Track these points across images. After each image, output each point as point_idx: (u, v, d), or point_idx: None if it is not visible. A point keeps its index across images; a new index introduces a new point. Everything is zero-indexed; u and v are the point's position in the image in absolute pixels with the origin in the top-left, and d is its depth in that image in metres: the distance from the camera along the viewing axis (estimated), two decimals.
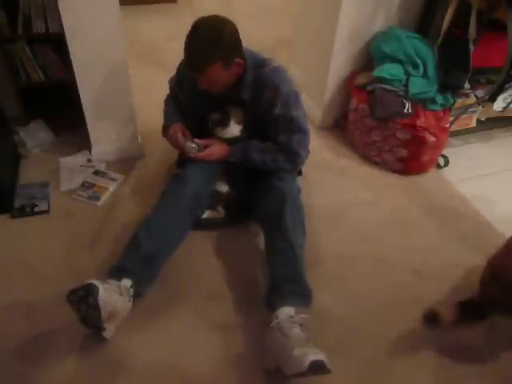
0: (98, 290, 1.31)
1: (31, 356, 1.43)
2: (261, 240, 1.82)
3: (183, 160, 1.87)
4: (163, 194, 1.72)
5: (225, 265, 1.78)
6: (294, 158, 1.75)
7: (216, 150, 1.76)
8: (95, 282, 1.34)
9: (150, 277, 1.58)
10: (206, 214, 1.86)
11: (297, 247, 1.57)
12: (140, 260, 1.53)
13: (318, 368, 1.22)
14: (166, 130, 1.84)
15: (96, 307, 1.31)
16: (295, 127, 1.70)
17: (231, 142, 1.78)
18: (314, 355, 1.23)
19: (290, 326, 1.37)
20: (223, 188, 1.85)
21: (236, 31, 1.55)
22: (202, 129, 1.81)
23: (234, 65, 1.57)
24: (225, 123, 1.76)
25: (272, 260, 1.58)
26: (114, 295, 1.38)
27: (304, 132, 1.73)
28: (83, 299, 1.31)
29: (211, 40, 1.49)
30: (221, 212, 1.87)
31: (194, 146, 1.73)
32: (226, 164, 1.81)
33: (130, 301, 1.46)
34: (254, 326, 1.55)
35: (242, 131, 1.79)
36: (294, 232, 1.59)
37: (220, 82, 1.60)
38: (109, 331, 1.42)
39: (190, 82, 1.71)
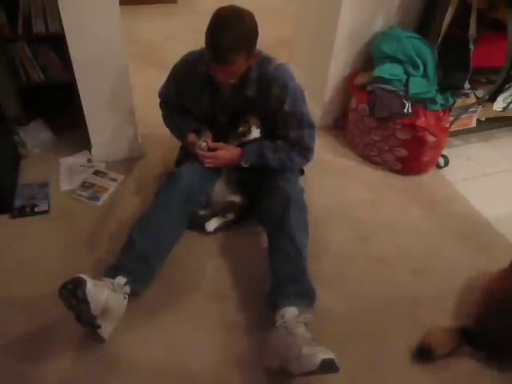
0: (85, 283, 1.32)
1: (29, 354, 1.44)
2: (262, 239, 1.83)
3: (182, 159, 1.88)
4: (157, 192, 1.72)
5: (226, 264, 1.78)
6: (306, 153, 1.77)
7: (224, 154, 1.74)
8: (83, 275, 1.35)
9: (146, 275, 1.58)
10: (214, 225, 1.85)
11: (301, 247, 1.57)
12: (134, 258, 1.53)
13: (328, 366, 1.22)
14: (186, 143, 1.83)
15: (85, 300, 1.31)
16: (305, 123, 1.72)
17: (245, 143, 1.77)
18: (324, 354, 1.23)
19: (295, 326, 1.37)
20: (236, 198, 1.84)
21: (254, 18, 1.51)
22: (209, 129, 1.80)
23: (252, 56, 1.56)
24: (248, 133, 1.75)
25: (276, 260, 1.58)
26: (105, 291, 1.38)
27: (313, 127, 1.75)
28: (72, 293, 1.31)
29: (238, 30, 1.45)
30: (229, 217, 1.87)
31: (204, 144, 1.73)
32: (238, 174, 1.80)
33: (124, 298, 1.45)
34: (256, 326, 1.55)
35: (261, 133, 1.78)
36: (298, 232, 1.59)
37: (238, 73, 1.58)
38: (105, 329, 1.42)
39: (193, 84, 1.71)
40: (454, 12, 2.13)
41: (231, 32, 1.44)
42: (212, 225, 1.85)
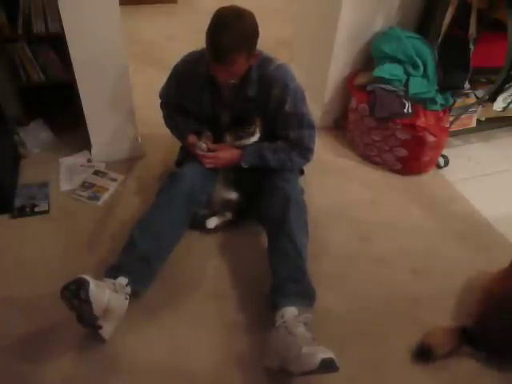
0: (88, 284, 1.32)
1: (29, 354, 1.44)
2: (262, 239, 1.83)
3: (182, 160, 1.88)
4: (158, 193, 1.72)
5: (226, 264, 1.78)
6: (306, 154, 1.77)
7: (224, 155, 1.74)
8: (86, 276, 1.35)
9: (147, 275, 1.58)
10: (215, 222, 1.85)
11: (301, 247, 1.57)
12: (136, 259, 1.53)
13: (328, 366, 1.23)
14: (186, 144, 1.83)
15: (87, 301, 1.31)
16: (305, 123, 1.72)
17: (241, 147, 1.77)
18: (324, 353, 1.24)
19: (295, 326, 1.37)
20: (233, 195, 1.84)
21: (255, 19, 1.51)
22: (210, 129, 1.79)
23: (253, 56, 1.56)
24: (253, 135, 1.75)
25: (276, 260, 1.58)
26: (107, 291, 1.38)
27: (313, 127, 1.75)
28: (75, 294, 1.31)
29: (239, 30, 1.45)
30: (228, 215, 1.87)
31: (204, 145, 1.73)
32: (236, 173, 1.81)
33: (126, 299, 1.45)
34: (256, 326, 1.55)
35: (260, 137, 1.77)
36: (298, 233, 1.59)
37: (239, 73, 1.58)
38: (106, 330, 1.42)
39: (194, 84, 1.71)
40: (454, 12, 2.13)
41: (232, 32, 1.44)
42: (212, 222, 1.85)
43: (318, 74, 2.52)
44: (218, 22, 1.46)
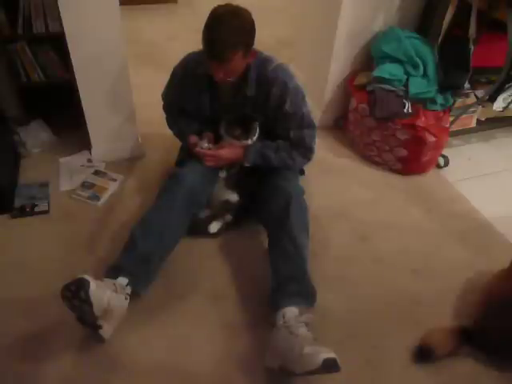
0: (88, 284, 1.32)
1: (29, 354, 1.44)
2: (262, 239, 1.83)
3: (183, 160, 1.88)
4: (159, 192, 1.72)
5: (226, 264, 1.78)
6: (307, 153, 1.77)
7: (225, 153, 1.74)
8: (86, 276, 1.35)
9: (147, 276, 1.58)
10: (216, 227, 1.85)
11: (301, 247, 1.57)
12: (136, 259, 1.53)
13: (330, 366, 1.23)
14: (188, 145, 1.82)
15: (87, 301, 1.31)
16: (306, 122, 1.72)
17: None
18: (326, 353, 1.24)
19: (296, 326, 1.37)
20: (234, 198, 1.84)
21: (251, 16, 1.52)
22: (210, 129, 1.80)
23: (250, 54, 1.56)
24: (253, 134, 1.74)
25: (277, 260, 1.58)
26: (107, 291, 1.38)
27: (313, 126, 1.75)
28: (75, 294, 1.32)
29: (235, 27, 1.45)
30: (228, 218, 1.87)
31: (206, 145, 1.74)
32: (236, 174, 1.81)
33: (126, 299, 1.45)
34: (256, 326, 1.55)
35: (258, 136, 1.76)
36: (299, 232, 1.59)
37: (236, 71, 1.57)
38: (106, 330, 1.42)
39: (194, 85, 1.71)
40: (454, 12, 2.13)
41: (228, 29, 1.45)
42: (215, 227, 1.85)
43: (318, 74, 2.52)
44: (214, 19, 1.47)
